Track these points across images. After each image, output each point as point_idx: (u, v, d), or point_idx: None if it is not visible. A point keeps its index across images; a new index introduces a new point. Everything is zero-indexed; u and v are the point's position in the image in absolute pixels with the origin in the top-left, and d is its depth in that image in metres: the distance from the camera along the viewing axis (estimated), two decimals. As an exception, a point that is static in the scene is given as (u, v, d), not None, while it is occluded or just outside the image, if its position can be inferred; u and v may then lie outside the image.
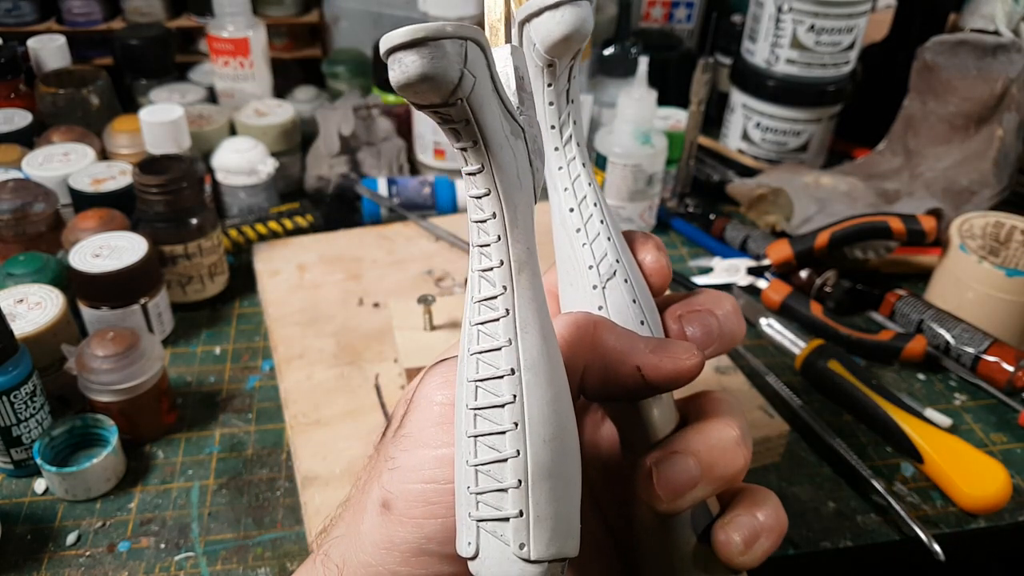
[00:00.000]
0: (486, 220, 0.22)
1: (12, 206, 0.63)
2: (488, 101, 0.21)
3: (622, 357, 0.27)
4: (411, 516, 0.26)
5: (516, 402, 0.22)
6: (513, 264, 0.23)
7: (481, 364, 0.23)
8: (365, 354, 0.62)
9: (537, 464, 0.22)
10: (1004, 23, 0.82)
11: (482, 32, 0.20)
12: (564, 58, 0.27)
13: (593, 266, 0.29)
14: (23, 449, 0.53)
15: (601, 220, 0.29)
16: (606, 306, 0.29)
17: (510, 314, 0.23)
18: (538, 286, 0.23)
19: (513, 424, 0.22)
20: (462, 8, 0.79)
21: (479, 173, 0.22)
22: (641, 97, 0.75)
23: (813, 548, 0.52)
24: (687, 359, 0.27)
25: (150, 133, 0.71)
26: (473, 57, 0.19)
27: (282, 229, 0.76)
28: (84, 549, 0.50)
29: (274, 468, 0.56)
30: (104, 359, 0.53)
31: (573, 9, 0.26)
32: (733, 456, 0.27)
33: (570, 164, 0.29)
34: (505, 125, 0.22)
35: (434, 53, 0.19)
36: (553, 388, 0.23)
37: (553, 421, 0.23)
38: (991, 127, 0.79)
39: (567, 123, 0.29)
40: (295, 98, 0.93)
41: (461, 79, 0.19)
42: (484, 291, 0.23)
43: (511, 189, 0.22)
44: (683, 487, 0.27)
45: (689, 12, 1.03)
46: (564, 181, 0.30)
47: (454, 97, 0.20)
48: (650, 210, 0.81)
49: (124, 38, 0.90)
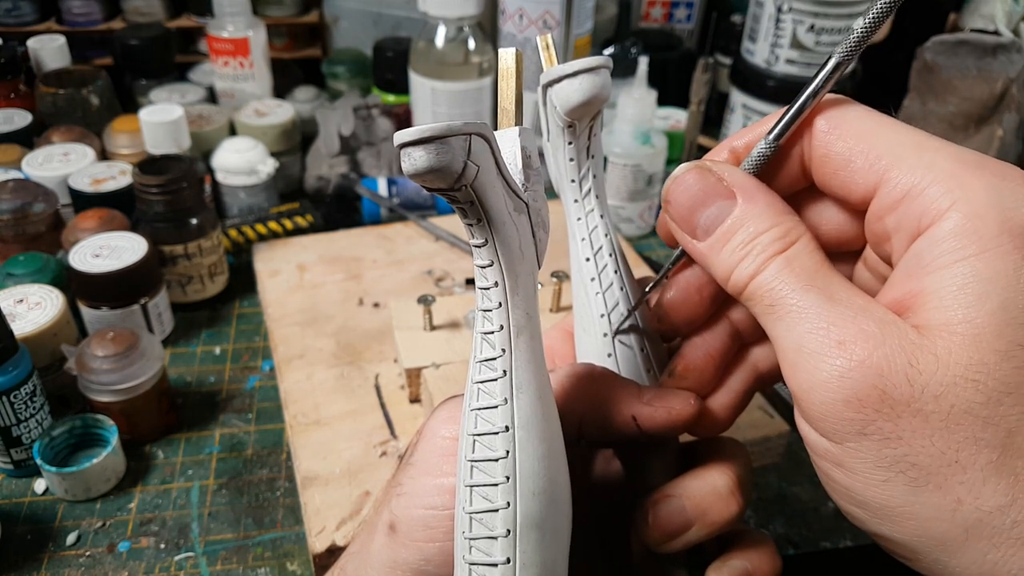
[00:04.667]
0: (489, 288, 0.24)
1: (12, 206, 0.63)
2: (492, 184, 0.22)
3: (618, 407, 0.29)
4: (413, 539, 0.27)
5: (508, 457, 0.24)
6: (512, 329, 0.24)
7: (479, 420, 0.25)
8: (365, 354, 0.62)
9: (525, 516, 0.24)
10: (1004, 23, 0.82)
11: (487, 126, 0.22)
12: (583, 120, 0.30)
13: (605, 314, 0.31)
14: (23, 449, 0.53)
15: (615, 270, 0.31)
16: (615, 354, 0.31)
17: (507, 375, 0.24)
18: (536, 348, 0.25)
19: (505, 477, 0.24)
20: (462, 8, 0.79)
21: (484, 246, 0.24)
22: (641, 97, 0.75)
23: (813, 548, 0.52)
24: (681, 409, 0.28)
25: (150, 133, 0.71)
26: (477, 149, 0.21)
27: (282, 229, 0.76)
28: (84, 549, 0.50)
29: (274, 468, 0.56)
30: (104, 359, 0.53)
31: (591, 77, 0.28)
32: (726, 503, 0.29)
33: (588, 216, 0.31)
34: (509, 203, 0.23)
35: (440, 149, 0.21)
36: (544, 444, 0.25)
37: (543, 475, 0.24)
38: (991, 127, 0.79)
39: (587, 177, 0.31)
40: (295, 98, 0.93)
41: (464, 169, 0.21)
42: (485, 352, 0.25)
43: (513, 260, 0.24)
44: (676, 530, 0.29)
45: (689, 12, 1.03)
46: (582, 232, 0.31)
47: (459, 184, 0.21)
48: (650, 210, 0.81)
49: (124, 38, 0.90)
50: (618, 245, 0.32)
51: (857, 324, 0.23)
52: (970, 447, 0.22)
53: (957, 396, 0.22)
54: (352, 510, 0.49)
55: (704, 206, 0.26)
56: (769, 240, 0.25)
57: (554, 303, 0.61)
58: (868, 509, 0.24)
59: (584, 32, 0.84)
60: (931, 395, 0.22)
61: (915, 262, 0.23)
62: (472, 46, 0.82)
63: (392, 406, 0.57)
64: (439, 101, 0.83)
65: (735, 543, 0.30)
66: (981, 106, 0.79)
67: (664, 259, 0.79)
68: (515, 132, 0.25)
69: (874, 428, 0.22)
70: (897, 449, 0.22)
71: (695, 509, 0.29)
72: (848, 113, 0.26)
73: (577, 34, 0.83)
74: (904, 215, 0.24)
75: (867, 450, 0.23)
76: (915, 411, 0.22)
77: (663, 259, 0.79)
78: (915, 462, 0.22)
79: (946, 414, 0.22)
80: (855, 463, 0.23)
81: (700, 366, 0.30)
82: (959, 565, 0.23)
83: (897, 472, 0.23)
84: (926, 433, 0.22)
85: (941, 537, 0.23)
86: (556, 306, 0.61)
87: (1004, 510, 0.22)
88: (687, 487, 0.29)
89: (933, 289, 0.23)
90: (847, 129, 0.25)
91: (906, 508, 0.23)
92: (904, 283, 0.24)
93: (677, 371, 0.30)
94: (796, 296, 0.24)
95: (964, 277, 0.22)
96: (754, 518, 0.53)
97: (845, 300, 0.23)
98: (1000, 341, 0.22)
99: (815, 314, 0.23)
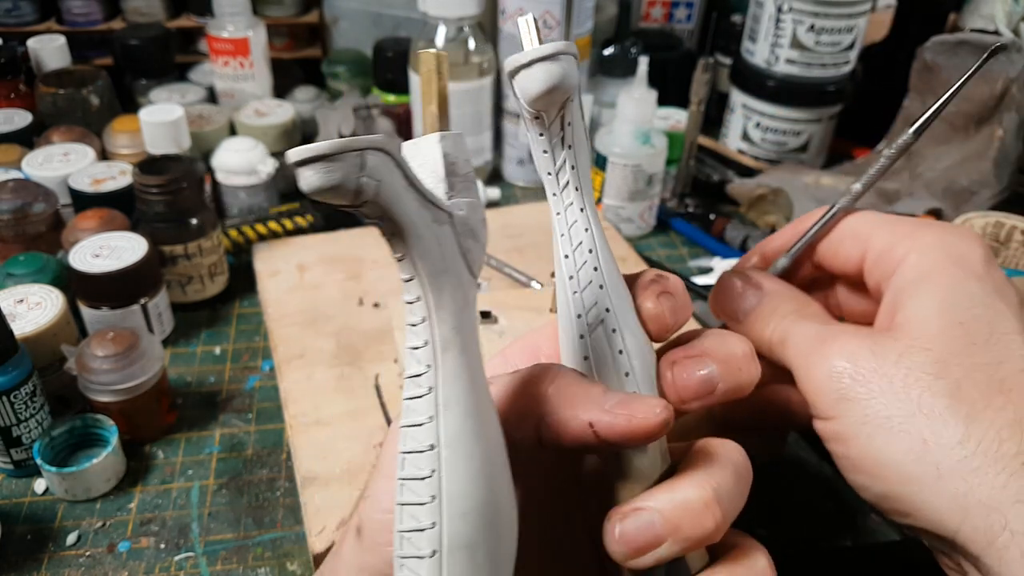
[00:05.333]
0: (413, 302, 0.23)
1: (12, 206, 0.63)
2: (399, 197, 0.22)
3: (574, 411, 0.26)
4: (376, 543, 0.28)
5: (434, 476, 0.23)
6: (439, 344, 0.23)
7: (408, 437, 0.24)
8: (365, 354, 0.62)
9: (452, 537, 0.23)
10: (1004, 23, 0.82)
11: (386, 139, 0.21)
12: (551, 110, 0.28)
13: (582, 315, 0.29)
14: (23, 449, 0.53)
15: (595, 267, 0.29)
16: (591, 356, 0.29)
17: (432, 391, 0.23)
18: (468, 363, 0.24)
19: (431, 497, 0.23)
20: (462, 9, 0.79)
21: (403, 259, 0.23)
22: (641, 97, 0.75)
23: (813, 548, 0.52)
24: (644, 418, 0.25)
25: (150, 133, 0.71)
26: (374, 163, 0.21)
27: (282, 229, 0.76)
28: (84, 549, 0.50)
29: (274, 468, 0.56)
30: (104, 359, 0.53)
31: (547, 66, 0.26)
32: (701, 518, 0.26)
33: (567, 210, 0.29)
34: (425, 214, 0.22)
35: (329, 167, 0.20)
36: (474, 463, 0.23)
37: (473, 496, 0.23)
38: (991, 127, 0.79)
39: (564, 169, 0.29)
40: (295, 98, 0.93)
41: (360, 186, 0.21)
42: (412, 368, 0.24)
43: (435, 273, 0.23)
44: (645, 546, 0.26)
45: (689, 12, 1.03)
46: (561, 227, 0.29)
47: (359, 199, 0.21)
48: (650, 210, 0.81)
49: (124, 38, 0.90)
50: (603, 242, 0.30)
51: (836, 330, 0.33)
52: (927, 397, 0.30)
53: (912, 360, 0.31)
54: (352, 510, 0.49)
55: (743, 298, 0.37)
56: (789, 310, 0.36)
57: (554, 303, 0.60)
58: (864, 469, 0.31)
59: (584, 32, 0.84)
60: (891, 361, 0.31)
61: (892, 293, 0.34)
62: (472, 46, 0.82)
63: (392, 406, 0.57)
64: (439, 101, 0.83)
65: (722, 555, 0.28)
66: (981, 106, 0.79)
67: (665, 259, 0.79)
68: (435, 139, 0.24)
69: (853, 393, 0.31)
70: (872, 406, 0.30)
71: (666, 524, 0.26)
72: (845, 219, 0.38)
73: (577, 34, 0.83)
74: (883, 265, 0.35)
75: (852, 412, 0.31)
76: (881, 374, 0.31)
77: (663, 259, 0.79)
78: (888, 414, 0.30)
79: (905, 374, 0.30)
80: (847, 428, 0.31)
81: None
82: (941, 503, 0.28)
83: (876, 426, 0.30)
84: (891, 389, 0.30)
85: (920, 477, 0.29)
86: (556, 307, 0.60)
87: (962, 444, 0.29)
88: (658, 499, 0.26)
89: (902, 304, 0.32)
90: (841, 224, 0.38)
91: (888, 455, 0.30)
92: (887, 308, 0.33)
93: None
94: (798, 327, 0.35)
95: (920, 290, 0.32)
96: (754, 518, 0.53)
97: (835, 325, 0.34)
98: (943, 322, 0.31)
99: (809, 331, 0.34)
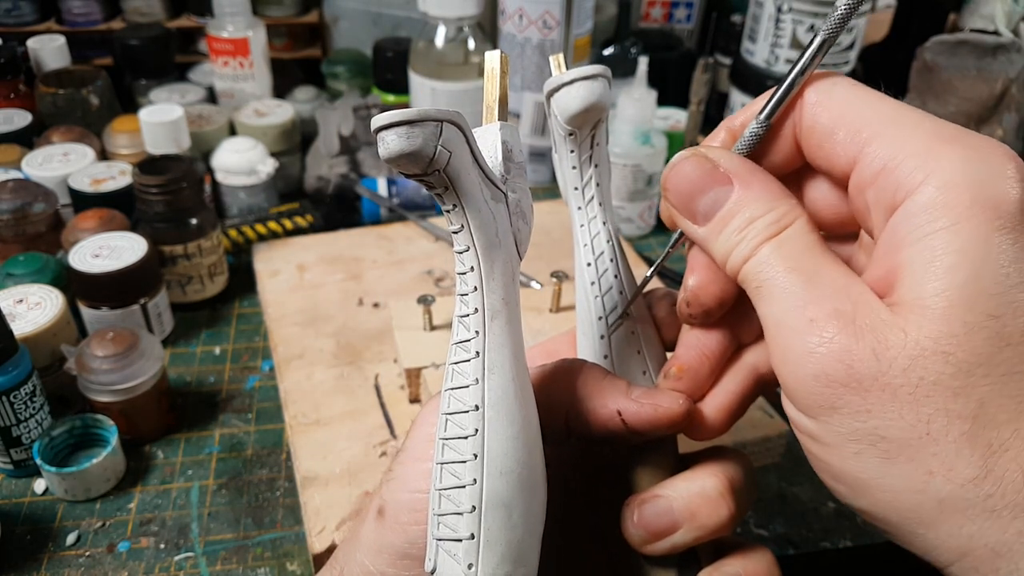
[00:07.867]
0: (466, 272, 0.25)
1: (12, 206, 0.63)
2: (466, 171, 0.23)
3: (603, 400, 0.28)
4: (400, 522, 0.28)
5: (477, 435, 0.25)
6: (487, 312, 0.25)
7: (452, 399, 0.25)
8: (365, 354, 0.62)
9: (491, 493, 0.24)
10: (1004, 23, 0.82)
11: (460, 115, 0.23)
12: (584, 128, 0.30)
13: (603, 317, 0.32)
14: (23, 449, 0.53)
15: (616, 275, 0.32)
16: (611, 355, 0.32)
17: (480, 356, 0.25)
18: (512, 333, 0.25)
19: (473, 455, 0.25)
20: (462, 9, 0.79)
21: (460, 232, 0.24)
22: (641, 97, 0.75)
23: (813, 548, 0.52)
24: (669, 407, 0.28)
25: (150, 133, 0.71)
26: (449, 136, 0.22)
27: (282, 229, 0.76)
28: (84, 549, 0.50)
29: (274, 468, 0.56)
30: (104, 359, 0.53)
31: (588, 85, 0.29)
32: (716, 506, 0.28)
33: (591, 223, 0.32)
34: (485, 191, 0.24)
35: (411, 133, 0.22)
36: (515, 426, 0.25)
37: (512, 456, 0.25)
38: (991, 127, 0.79)
39: (589, 185, 0.32)
40: (295, 98, 0.93)
41: (436, 154, 0.22)
42: (460, 335, 0.25)
43: (489, 247, 0.25)
44: (662, 530, 0.28)
45: (689, 12, 1.03)
46: (584, 238, 0.32)
47: (431, 168, 0.22)
48: (650, 210, 0.81)
49: (124, 38, 0.90)
50: (620, 251, 0.33)
51: (832, 303, 0.23)
52: (941, 419, 0.22)
53: (926, 368, 0.22)
54: (352, 510, 0.49)
55: (702, 193, 0.26)
56: (764, 225, 0.25)
57: (554, 303, 0.60)
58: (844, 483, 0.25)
59: (584, 32, 0.84)
60: (899, 369, 0.22)
61: (892, 237, 0.23)
62: (472, 46, 0.82)
63: (392, 406, 0.57)
64: (439, 101, 0.83)
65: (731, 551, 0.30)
66: (981, 106, 0.79)
67: (664, 259, 0.79)
68: (496, 127, 0.26)
69: (843, 403, 0.23)
70: (867, 422, 0.23)
71: (683, 511, 0.28)
72: (836, 86, 0.26)
73: (577, 34, 0.83)
74: (881, 189, 0.24)
75: (839, 424, 0.23)
76: (882, 385, 0.22)
77: (663, 259, 0.79)
78: (885, 435, 0.23)
79: (914, 387, 0.22)
80: (829, 437, 0.24)
81: (695, 367, 0.30)
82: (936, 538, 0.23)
83: (868, 445, 0.23)
84: (894, 406, 0.22)
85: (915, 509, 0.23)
86: (556, 306, 0.61)
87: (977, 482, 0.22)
88: (676, 487, 0.29)
89: (907, 263, 0.23)
90: (833, 101, 0.26)
91: (879, 480, 0.23)
92: (884, 260, 0.24)
93: (672, 372, 0.30)
94: (781, 277, 0.24)
95: (935, 250, 0.22)
96: (754, 518, 0.53)
97: (827, 280, 0.24)
98: (971, 313, 0.22)
99: (794, 293, 0.24)
